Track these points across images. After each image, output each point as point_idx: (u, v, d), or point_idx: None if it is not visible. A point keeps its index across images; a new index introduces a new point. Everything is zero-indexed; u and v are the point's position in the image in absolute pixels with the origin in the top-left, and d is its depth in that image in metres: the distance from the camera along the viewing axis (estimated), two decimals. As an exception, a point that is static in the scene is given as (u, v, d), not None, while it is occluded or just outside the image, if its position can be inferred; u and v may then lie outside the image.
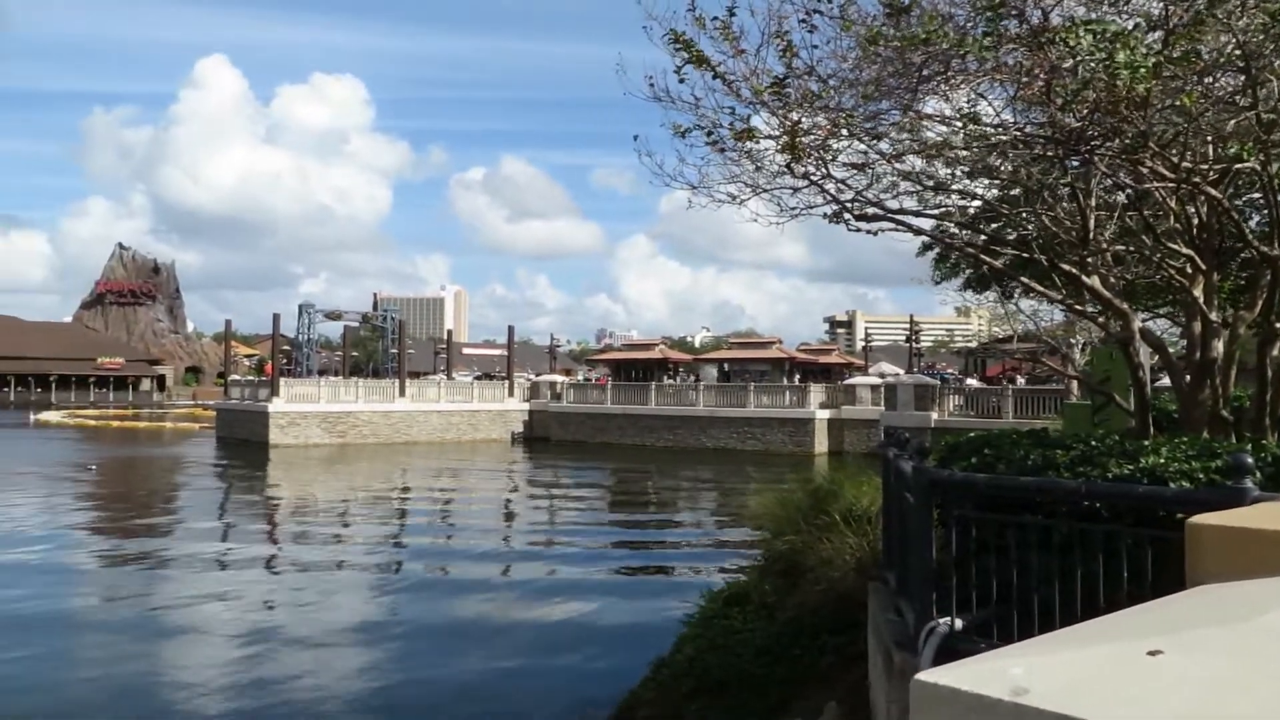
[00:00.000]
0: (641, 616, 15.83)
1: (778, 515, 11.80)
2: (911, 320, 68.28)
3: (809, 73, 6.45)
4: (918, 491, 5.66)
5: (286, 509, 29.19)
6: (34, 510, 27.97)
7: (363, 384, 58.38)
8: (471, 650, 13.79)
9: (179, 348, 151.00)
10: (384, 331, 72.65)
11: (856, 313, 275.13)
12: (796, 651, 8.69)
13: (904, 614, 6.12)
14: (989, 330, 44.80)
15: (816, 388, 51.32)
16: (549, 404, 59.79)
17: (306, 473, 40.59)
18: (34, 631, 14.47)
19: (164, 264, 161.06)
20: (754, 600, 10.50)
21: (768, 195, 7.56)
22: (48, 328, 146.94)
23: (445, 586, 18.01)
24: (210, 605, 15.50)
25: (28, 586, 17.54)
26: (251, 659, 12.66)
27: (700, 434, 51.61)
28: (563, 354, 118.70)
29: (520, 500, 32.90)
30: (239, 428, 55.96)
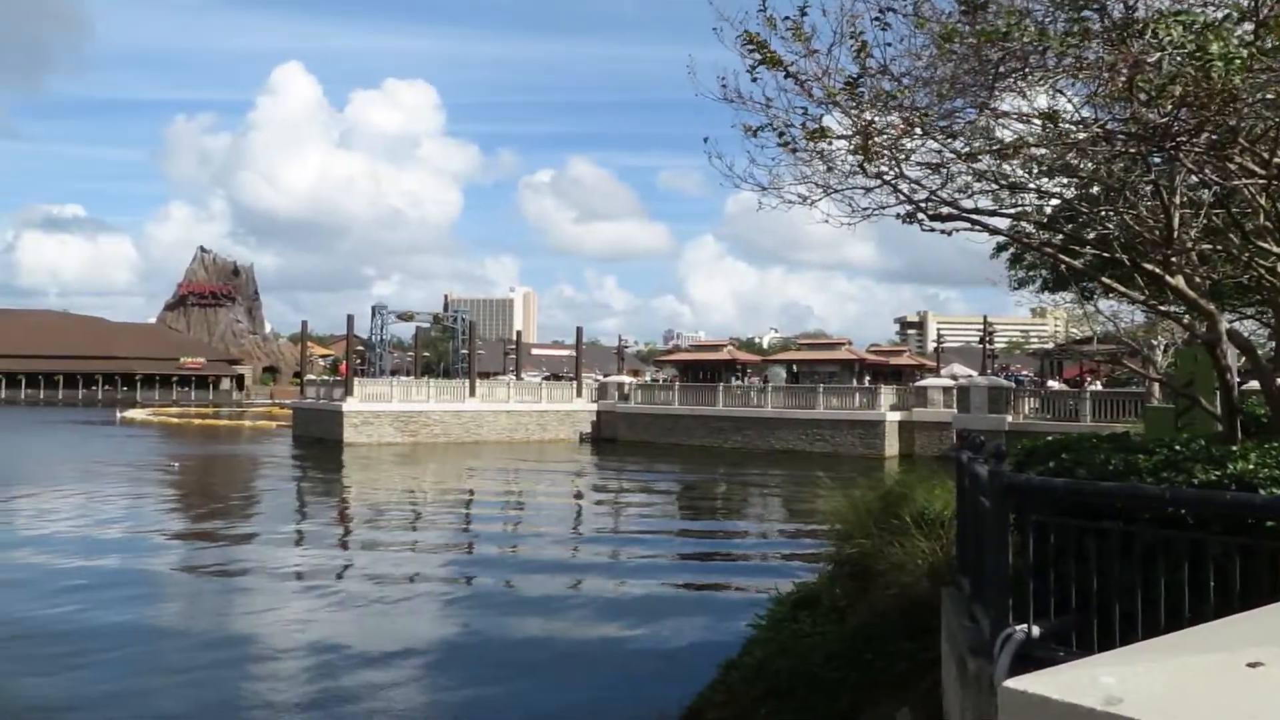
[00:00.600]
0: (708, 617, 15.80)
1: (848, 518, 11.69)
2: (985, 321, 66.99)
3: (882, 71, 6.38)
4: (994, 496, 5.56)
5: (360, 509, 29.75)
6: (121, 507, 28.96)
7: (434, 384, 59.24)
8: (540, 639, 13.90)
9: (257, 348, 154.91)
10: (454, 332, 73.62)
11: (928, 313, 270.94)
12: (868, 656, 8.60)
13: (979, 620, 6.01)
14: (1066, 332, 43.73)
15: (887, 389, 50.69)
16: (617, 404, 59.99)
17: (379, 471, 41.32)
18: (116, 623, 14.98)
19: (243, 266, 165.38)
20: (824, 604, 10.42)
21: (839, 196, 7.49)
22: (133, 328, 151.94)
23: (515, 568, 18.19)
24: (282, 613, 15.66)
25: (113, 580, 18.15)
26: (320, 669, 12.70)
27: (768, 435, 51.31)
28: (630, 355, 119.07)
29: (588, 501, 33.07)
30: (314, 426, 57.21)
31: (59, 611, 15.38)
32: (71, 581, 17.69)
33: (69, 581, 17.71)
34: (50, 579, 17.88)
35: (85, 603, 16.05)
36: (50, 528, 24.29)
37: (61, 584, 17.42)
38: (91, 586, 17.26)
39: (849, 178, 7.21)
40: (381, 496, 32.85)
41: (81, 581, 17.69)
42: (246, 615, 15.95)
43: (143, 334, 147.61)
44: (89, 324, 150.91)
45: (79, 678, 12.18)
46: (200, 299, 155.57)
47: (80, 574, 18.35)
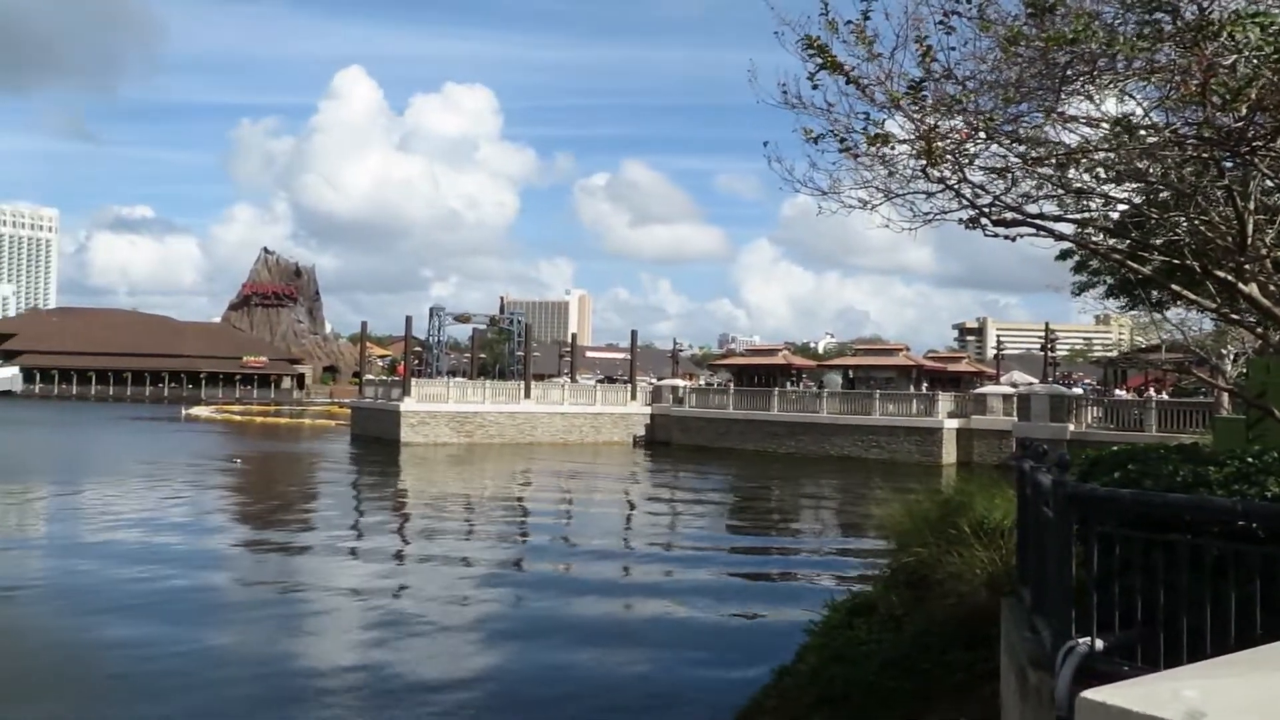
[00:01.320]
0: (762, 624, 15.74)
1: (905, 526, 11.57)
2: (1047, 328, 65.83)
3: (946, 75, 6.32)
4: (1057, 506, 5.47)
5: (416, 507, 30.09)
6: (187, 501, 29.67)
7: (489, 385, 59.77)
8: (591, 655, 13.94)
9: (317, 348, 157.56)
10: (510, 334, 74.23)
11: (987, 320, 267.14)
12: (924, 665, 8.50)
13: (1040, 632, 5.92)
14: (1131, 339, 42.78)
15: (945, 396, 50.04)
16: (671, 408, 59.97)
17: (435, 471, 41.79)
18: (181, 612, 15.35)
19: (305, 267, 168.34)
20: (880, 611, 10.32)
21: (900, 200, 7.43)
22: (199, 327, 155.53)
23: (566, 589, 18.26)
24: (340, 595, 16.04)
25: (178, 570, 18.59)
26: (377, 645, 13.05)
27: (824, 441, 50.92)
28: (685, 358, 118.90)
29: (641, 505, 33.10)
30: (372, 425, 58.03)
31: (125, 608, 15.78)
32: (135, 578, 18.15)
33: (133, 579, 18.16)
34: (116, 575, 18.36)
35: (146, 597, 16.45)
36: (118, 523, 24.95)
37: (127, 581, 17.87)
38: (153, 582, 17.67)
39: (910, 182, 7.15)
40: (438, 492, 33.22)
41: (144, 577, 18.13)
42: (303, 594, 16.21)
43: (208, 333, 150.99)
44: (157, 323, 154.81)
45: (142, 679, 12.48)
46: (263, 299, 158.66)
47: (143, 570, 18.79)
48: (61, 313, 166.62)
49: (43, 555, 20.71)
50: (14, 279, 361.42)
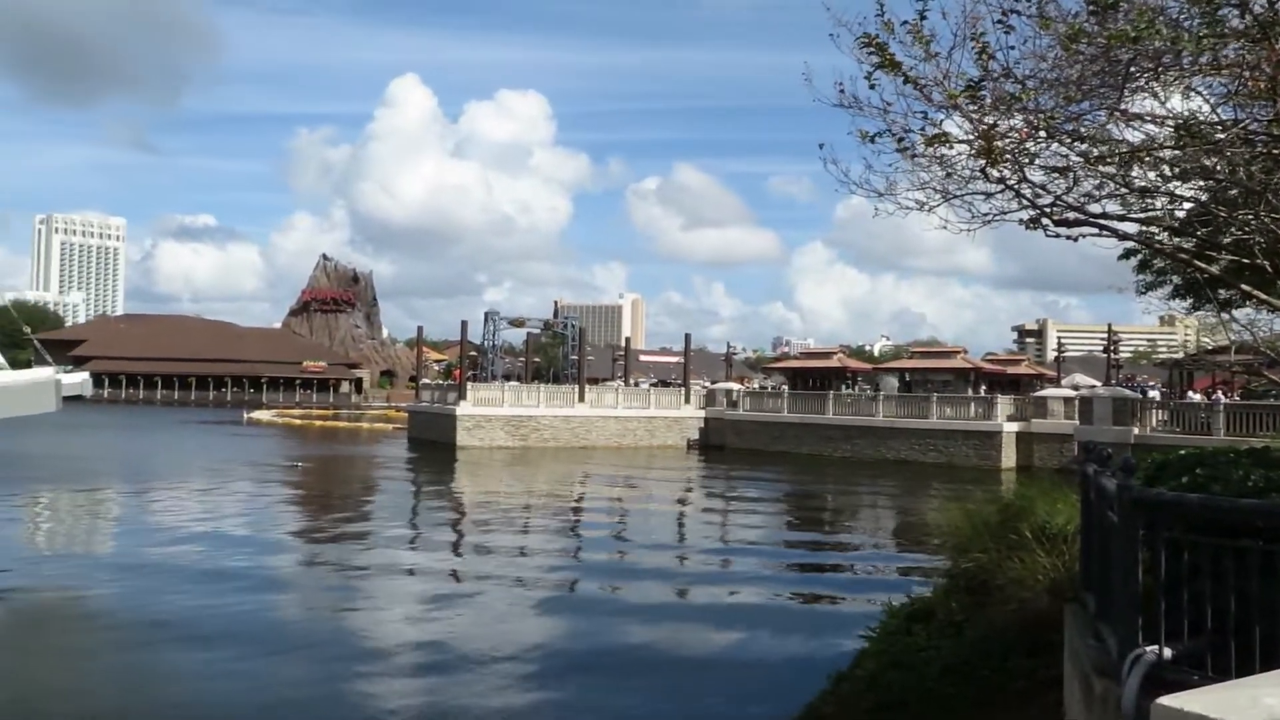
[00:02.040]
0: (817, 628, 15.63)
1: (964, 531, 11.40)
2: (1109, 329, 64.43)
3: (1005, 74, 6.24)
4: (1122, 511, 5.37)
5: (471, 511, 30.39)
6: (250, 502, 30.28)
7: (544, 389, 60.12)
8: (646, 646, 13.97)
9: (375, 352, 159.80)
10: (565, 338, 74.58)
11: (1047, 321, 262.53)
12: (985, 672, 8.38)
13: (1105, 639, 5.81)
14: (1197, 341, 41.72)
15: (1004, 399, 49.27)
16: (725, 411, 59.82)
17: (491, 474, 42.14)
18: (238, 614, 15.68)
19: (362, 273, 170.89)
20: (939, 617, 10.19)
21: (958, 201, 7.35)
22: (260, 333, 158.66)
23: (619, 604, 18.31)
24: (394, 615, 15.76)
25: (237, 573, 19.00)
26: (429, 668, 12.91)
27: (880, 445, 50.43)
28: (738, 361, 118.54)
29: (696, 508, 33.07)
30: (429, 429, 58.70)
31: (190, 603, 16.15)
32: (201, 574, 18.57)
33: (199, 574, 18.59)
34: (182, 571, 18.81)
35: (211, 594, 16.81)
36: (185, 525, 25.56)
37: (192, 576, 18.30)
38: (218, 579, 18.06)
39: (969, 183, 7.07)
40: (493, 496, 33.50)
41: (209, 574, 18.55)
42: (357, 611, 16.42)
43: (269, 338, 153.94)
44: (220, 329, 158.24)
45: (204, 667, 12.76)
46: (322, 305, 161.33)
47: (208, 567, 19.24)
48: (129, 319, 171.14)
49: (112, 557, 21.27)
50: (84, 287, 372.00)
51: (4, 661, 12.72)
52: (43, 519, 27.18)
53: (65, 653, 13.42)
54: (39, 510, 28.46)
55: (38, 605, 16.00)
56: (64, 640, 14.08)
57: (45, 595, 16.64)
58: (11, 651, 13.30)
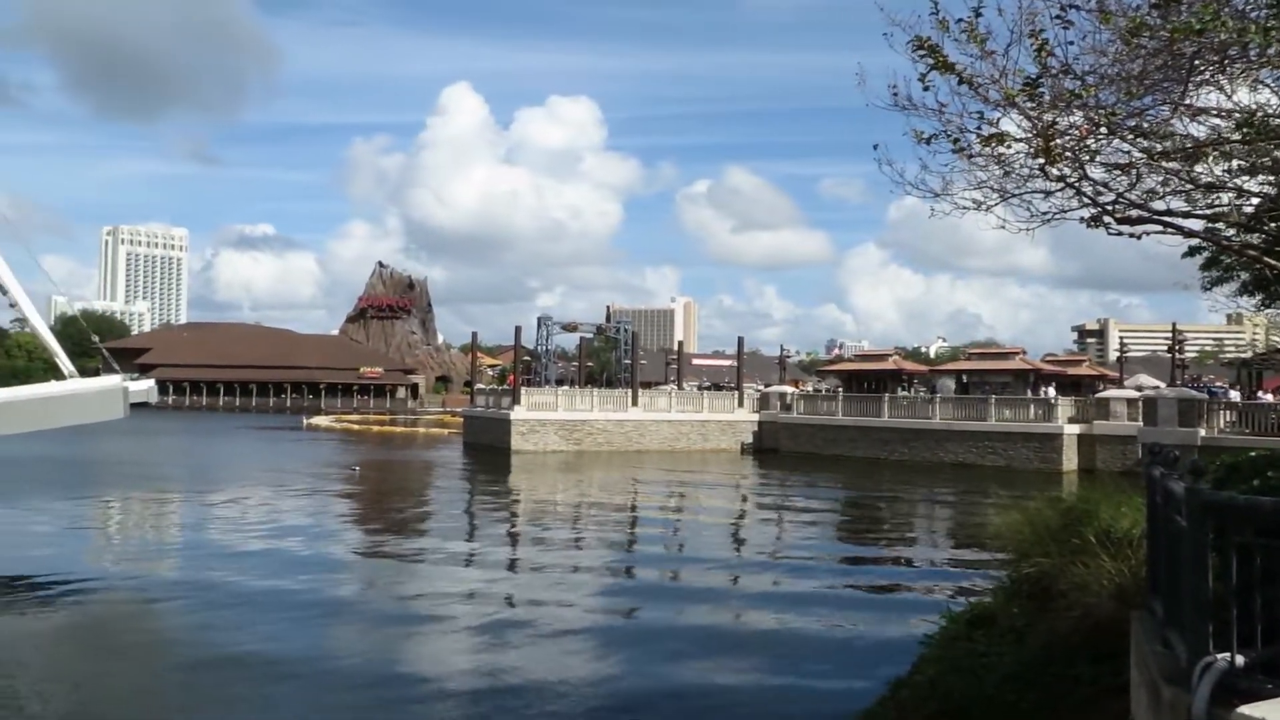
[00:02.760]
0: (875, 635, 15.47)
1: (1025, 535, 11.20)
2: (1174, 328, 62.95)
3: (1064, 71, 6.14)
4: (1191, 515, 5.24)
5: (527, 514, 30.57)
6: (309, 509, 30.80)
7: (597, 393, 60.29)
8: (699, 666, 13.93)
9: (430, 358, 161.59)
10: (617, 342, 74.77)
11: (1109, 321, 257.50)
12: (1048, 679, 8.23)
13: (1173, 646, 5.67)
14: (1266, 339, 40.61)
15: (1065, 401, 48.39)
16: (778, 415, 59.51)
17: (545, 478, 42.36)
18: (299, 607, 15.93)
19: (417, 280, 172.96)
20: (1000, 623, 10.03)
21: (1017, 200, 7.25)
22: (318, 340, 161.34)
23: (676, 597, 18.29)
24: (453, 600, 16.21)
25: (302, 570, 19.32)
26: (488, 648, 13.14)
27: (937, 448, 49.81)
28: (792, 364, 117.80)
29: (750, 513, 32.93)
30: (484, 434, 59.21)
31: (249, 610, 16.44)
32: (260, 582, 18.90)
33: (258, 581, 18.93)
34: (242, 578, 19.17)
35: (269, 604, 17.10)
36: (249, 528, 26.07)
37: (251, 584, 18.63)
38: (276, 588, 18.35)
39: (1027, 181, 6.97)
40: (548, 499, 33.68)
41: (273, 575, 18.88)
42: (417, 597, 16.59)
43: (326, 345, 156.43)
44: (279, 336, 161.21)
45: (261, 672, 12.98)
46: (378, 311, 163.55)
47: (267, 575, 19.57)
48: (191, 328, 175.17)
49: (176, 563, 21.74)
50: (149, 296, 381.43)
51: (72, 665, 13.05)
52: (112, 524, 27.89)
53: (130, 657, 13.74)
54: (109, 515, 29.22)
55: (106, 610, 16.40)
56: (130, 645, 14.41)
57: (113, 600, 17.05)
58: (79, 655, 13.64)
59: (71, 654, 13.62)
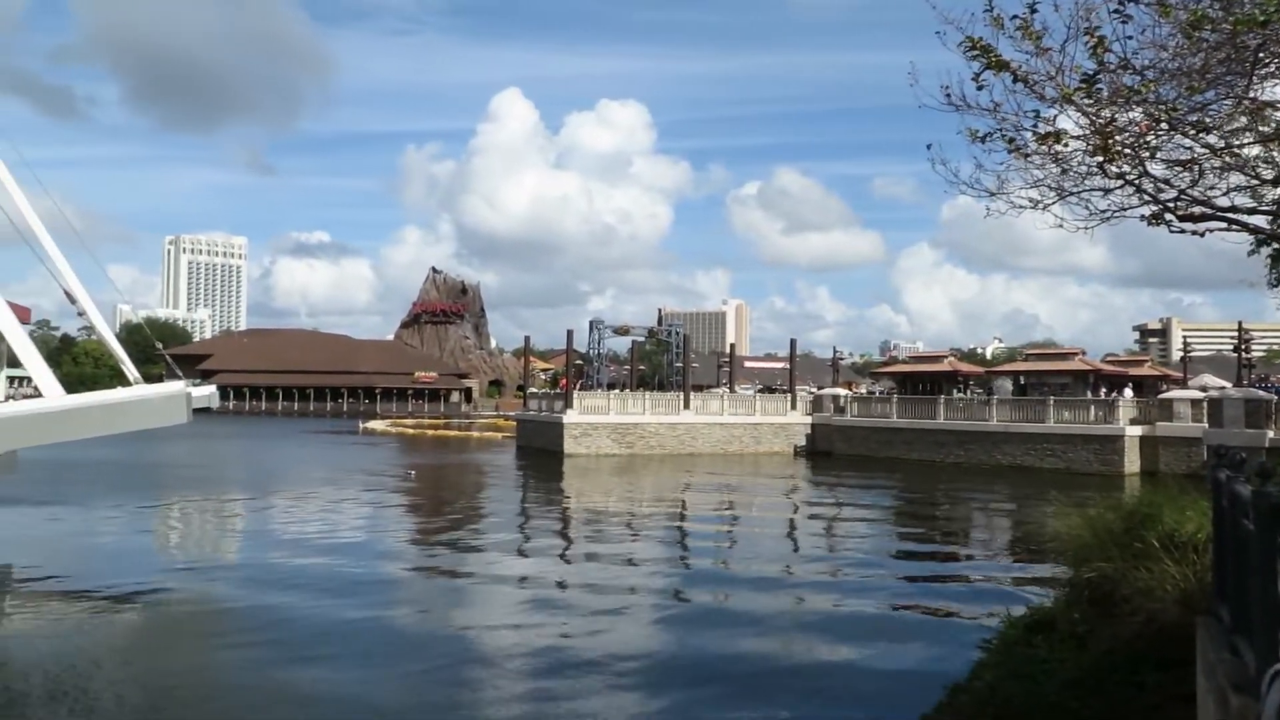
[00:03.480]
0: (930, 639, 15.29)
1: (1086, 539, 11.00)
2: (1239, 327, 61.35)
3: (1123, 66, 6.03)
4: (1259, 519, 5.12)
5: (579, 519, 30.66)
6: (367, 510, 31.25)
7: (649, 397, 60.32)
8: (757, 656, 13.88)
9: (483, 362, 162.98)
10: (669, 345, 74.78)
11: (1172, 320, 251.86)
12: (1111, 686, 8.07)
13: (1241, 653, 5.54)
14: (1337, 338, 39.44)
15: (1126, 402, 47.38)
16: (832, 417, 59.09)
17: (597, 481, 42.49)
18: (354, 619, 16.16)
19: (470, 285, 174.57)
20: (1060, 629, 9.86)
21: (1074, 199, 7.13)
22: (374, 345, 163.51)
23: (730, 584, 18.23)
24: (504, 627, 15.66)
25: (358, 574, 19.60)
26: (540, 674, 12.87)
27: (994, 450, 49.08)
28: (845, 366, 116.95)
29: (803, 516, 32.72)
30: (536, 437, 59.58)
31: (310, 608, 16.72)
32: (321, 580, 19.21)
33: (319, 580, 19.24)
34: (303, 576, 19.50)
35: (330, 600, 17.37)
36: (306, 528, 26.52)
37: (312, 582, 18.94)
38: (337, 585, 18.65)
39: (1085, 179, 6.85)
40: (600, 503, 33.77)
41: (329, 580, 19.17)
42: (468, 619, 16.71)
43: (382, 350, 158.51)
44: (335, 341, 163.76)
45: (319, 670, 13.19)
46: (432, 317, 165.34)
47: (328, 573, 19.88)
48: (251, 334, 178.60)
49: (239, 564, 22.16)
50: (209, 303, 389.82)
51: (139, 667, 13.36)
52: (176, 526, 28.54)
53: (195, 657, 14.04)
54: (173, 518, 29.91)
55: (171, 611, 16.79)
56: (195, 645, 14.74)
57: (178, 601, 17.45)
58: (146, 656, 13.97)
59: (141, 655, 13.94)
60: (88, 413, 15.66)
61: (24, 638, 14.59)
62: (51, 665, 12.75)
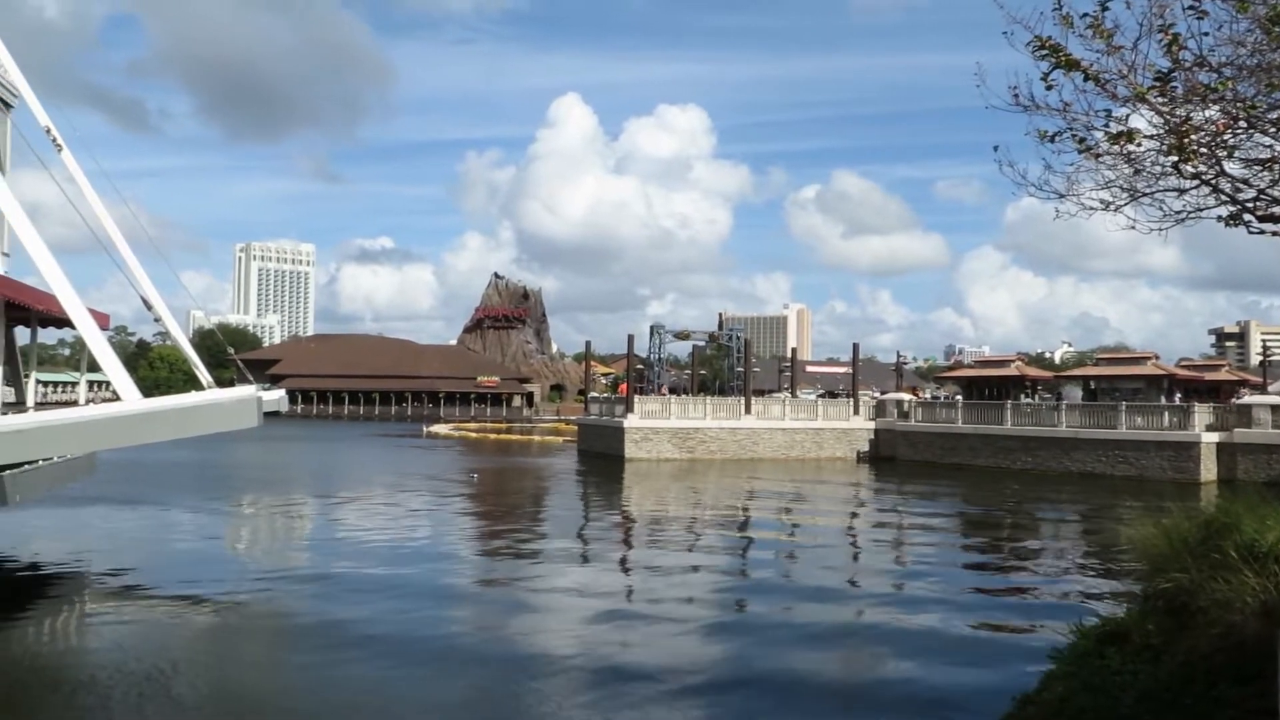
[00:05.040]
0: (996, 650, 15.02)
1: (1161, 548, 10.71)
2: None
3: (1199, 64, 5.87)
4: (1345, 529, 4.94)
5: (640, 525, 30.66)
6: (431, 513, 31.65)
7: (710, 401, 60.20)
8: (819, 668, 13.76)
9: (545, 367, 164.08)
10: (730, 350, 74.55)
11: (1250, 323, 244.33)
12: (1188, 700, 7.84)
13: (1327, 669, 5.35)
14: None
15: (1201, 407, 46.07)
16: (895, 422, 58.39)
17: (658, 486, 42.49)
18: (427, 596, 16.36)
19: (532, 290, 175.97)
20: (1134, 640, 9.60)
21: (1147, 200, 6.96)
22: (437, 350, 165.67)
23: (792, 595, 18.10)
24: (564, 636, 15.58)
25: (421, 579, 19.85)
26: (599, 685, 12.74)
27: (1063, 457, 48.08)
28: (909, 371, 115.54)
29: (867, 524, 32.36)
30: (597, 442, 59.82)
31: (374, 612, 16.97)
32: (385, 585, 19.49)
33: (383, 584, 19.52)
34: (368, 580, 19.81)
35: (394, 604, 17.60)
36: (372, 531, 26.96)
37: (377, 587, 19.23)
38: (400, 589, 18.88)
39: (1159, 180, 6.68)
40: (661, 509, 33.76)
41: (393, 585, 19.44)
42: (527, 626, 16.77)
43: (445, 355, 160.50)
44: (400, 346, 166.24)
45: (384, 674, 13.37)
46: (495, 322, 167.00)
47: (391, 577, 20.17)
48: (318, 339, 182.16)
49: (307, 567, 22.59)
50: (278, 309, 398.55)
51: (215, 668, 13.67)
52: (247, 528, 29.20)
53: (266, 660, 14.33)
54: (244, 519, 30.60)
55: (242, 613, 17.14)
56: (265, 648, 15.03)
57: (249, 604, 17.81)
58: (220, 657, 14.28)
59: (216, 657, 14.25)
60: (164, 416, 16.08)
61: (107, 637, 15.02)
62: (135, 665, 13.10)
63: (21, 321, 22.00)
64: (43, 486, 20.90)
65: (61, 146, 19.65)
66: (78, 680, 12.69)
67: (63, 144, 19.64)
